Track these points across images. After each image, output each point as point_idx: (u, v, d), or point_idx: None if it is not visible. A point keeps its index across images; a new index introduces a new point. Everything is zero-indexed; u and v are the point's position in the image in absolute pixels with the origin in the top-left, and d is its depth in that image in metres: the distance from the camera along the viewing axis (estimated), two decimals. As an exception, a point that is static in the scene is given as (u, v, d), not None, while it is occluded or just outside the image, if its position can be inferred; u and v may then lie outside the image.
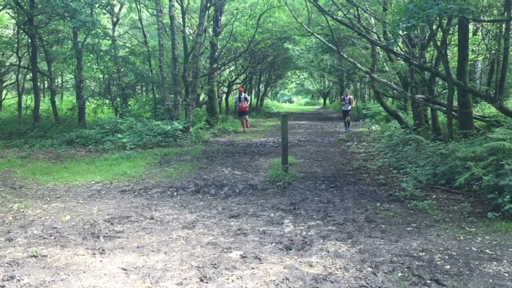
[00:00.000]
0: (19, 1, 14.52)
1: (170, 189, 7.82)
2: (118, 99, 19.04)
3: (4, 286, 3.79)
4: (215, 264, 4.26)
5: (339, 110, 38.23)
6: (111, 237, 5.19)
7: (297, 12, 19.02)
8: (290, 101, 75.80)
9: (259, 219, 5.92)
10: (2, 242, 5.01)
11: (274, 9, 19.97)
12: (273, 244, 4.85)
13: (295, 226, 5.55)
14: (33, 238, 5.17)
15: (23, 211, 6.37)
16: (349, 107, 18.72)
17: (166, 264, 4.28)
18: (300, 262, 4.33)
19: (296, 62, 30.17)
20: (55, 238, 5.16)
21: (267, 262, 4.33)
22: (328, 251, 4.62)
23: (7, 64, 23.57)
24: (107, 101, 19.23)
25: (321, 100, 57.98)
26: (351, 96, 19.32)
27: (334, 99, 55.38)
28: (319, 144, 14.19)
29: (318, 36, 13.30)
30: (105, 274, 4.04)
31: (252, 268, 4.16)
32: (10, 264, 4.28)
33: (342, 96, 20.14)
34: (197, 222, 5.77)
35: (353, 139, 15.05)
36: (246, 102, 19.46)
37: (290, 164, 9.69)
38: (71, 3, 12.18)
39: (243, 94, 19.30)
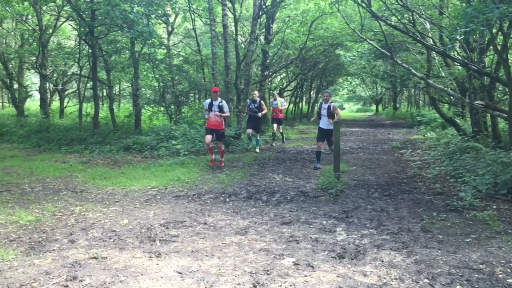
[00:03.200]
0: (81, 14, 15.24)
1: (223, 195, 7.93)
2: (172, 107, 19.54)
3: (68, 286, 3.98)
4: (268, 270, 4.29)
5: (392, 117, 37.50)
6: (166, 241, 5.33)
7: (349, 18, 18.84)
8: (341, 108, 74.97)
9: (311, 226, 5.90)
10: (65, 243, 5.26)
11: (326, 15, 19.88)
12: (325, 252, 4.83)
13: (348, 235, 5.49)
14: (94, 240, 5.40)
15: (84, 214, 6.66)
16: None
17: (219, 269, 4.36)
18: (353, 271, 4.28)
19: (348, 68, 29.85)
20: (114, 241, 5.37)
21: (320, 270, 4.31)
22: (382, 261, 4.54)
23: (69, 73, 24.80)
24: (162, 109, 19.77)
25: (373, 107, 56.97)
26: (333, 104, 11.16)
27: (387, 105, 54.29)
28: (371, 152, 13.95)
29: (371, 42, 13.12)
30: (161, 277, 4.16)
31: (305, 276, 4.16)
32: (72, 265, 4.50)
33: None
34: (249, 228, 5.83)
35: (407, 147, 14.69)
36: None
37: (342, 171, 9.59)
38: (129, 15, 12.66)
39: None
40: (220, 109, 10.65)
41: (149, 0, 12.79)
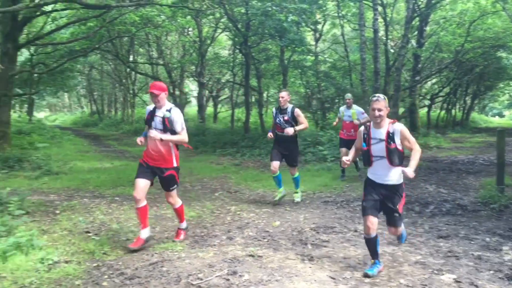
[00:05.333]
0: (237, 25, 16.22)
1: (372, 204, 7.77)
2: (319, 112, 19.73)
3: (229, 279, 4.26)
4: (426, 285, 4.10)
5: None
6: (317, 245, 5.41)
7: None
8: (501, 115, 68.08)
9: (472, 242, 5.48)
10: (224, 240, 5.65)
11: (487, 15, 18.32)
12: (491, 272, 4.45)
13: (516, 255, 4.98)
14: (249, 239, 5.70)
15: (239, 214, 7.07)
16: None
17: (373, 279, 4.28)
18: (525, 296, 3.88)
19: (511, 72, 27.09)
20: (268, 241, 5.60)
21: (485, 290, 3.99)
22: (561, 288, 4.04)
23: (222, 81, 26.55)
24: (308, 114, 20.08)
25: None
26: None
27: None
28: (541, 165, 12.45)
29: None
30: (315, 280, 4.23)
31: (468, 295, 3.88)
32: (232, 260, 4.80)
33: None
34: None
35: None
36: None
37: (507, 185, 8.72)
38: (284, 24, 13.14)
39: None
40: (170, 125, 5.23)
41: (302, 8, 13.12)
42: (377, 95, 4.42)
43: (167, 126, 5.18)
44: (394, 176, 4.40)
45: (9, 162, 10.86)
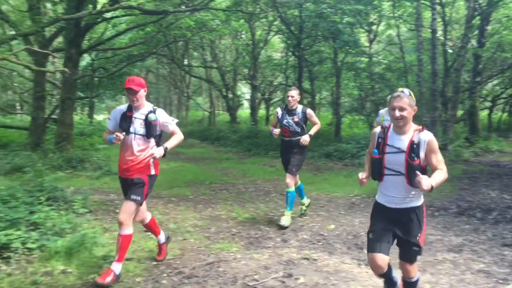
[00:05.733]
0: (290, 27, 16.22)
1: (430, 209, 7.53)
2: (372, 115, 19.35)
3: (284, 282, 4.27)
4: (491, 295, 3.93)
5: None
6: (374, 250, 5.30)
7: None
8: None
9: (539, 252, 5.21)
10: (279, 242, 5.66)
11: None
12: (561, 284, 4.21)
13: None
14: (304, 242, 5.68)
15: (293, 216, 7.06)
16: None
17: (433, 286, 4.16)
18: None
19: None
20: (322, 244, 5.56)
21: (556, 303, 3.77)
22: None
23: (275, 83, 26.62)
24: (362, 117, 19.75)
25: None
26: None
27: None
28: None
29: None
30: (372, 286, 4.16)
31: (537, 307, 3.69)
32: (287, 263, 4.80)
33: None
34: (464, 246, 5.42)
35: None
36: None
37: None
38: (339, 25, 13.02)
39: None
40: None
41: (357, 10, 12.94)
42: (400, 89, 3.32)
43: (152, 131, 4.32)
44: (412, 198, 3.35)
45: (72, 162, 11.36)
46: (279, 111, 6.81)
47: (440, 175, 3.18)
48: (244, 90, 36.29)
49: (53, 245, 4.81)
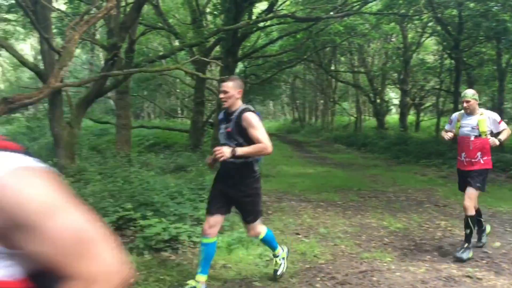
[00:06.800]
0: (448, 28, 15.24)
1: None
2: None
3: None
4: None
5: None
6: (550, 275, 4.71)
7: None
8: None
9: None
10: (436, 256, 5.34)
11: None
12: None
13: None
14: (464, 258, 5.27)
15: (450, 230, 6.61)
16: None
17: None
18: None
19: None
20: (487, 262, 5.10)
21: None
22: None
23: (426, 88, 25.25)
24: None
25: None
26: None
27: None
28: None
29: None
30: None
31: None
32: (447, 279, 4.51)
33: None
34: None
35: None
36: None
37: None
38: (508, 24, 11.84)
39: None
40: None
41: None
42: None
43: None
44: None
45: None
46: (221, 114, 4.20)
47: None
48: (392, 95, 35.08)
49: (215, 240, 5.19)
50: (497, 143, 5.15)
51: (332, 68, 28.78)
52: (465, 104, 5.34)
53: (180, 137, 17.07)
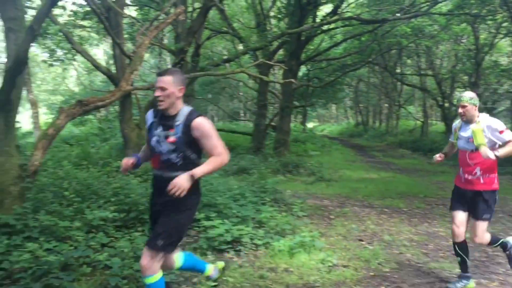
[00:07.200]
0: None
1: None
2: None
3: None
4: None
5: None
6: None
7: None
8: None
9: None
10: (510, 270, 5.03)
11: None
12: None
13: None
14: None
15: None
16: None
17: None
18: None
19: None
20: None
21: None
22: None
23: (499, 91, 23.95)
24: None
25: None
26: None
27: None
28: None
29: None
30: None
31: None
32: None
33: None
34: None
35: None
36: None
37: None
38: None
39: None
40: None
41: None
42: None
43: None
44: None
45: (289, 167, 12.11)
46: (149, 115, 3.43)
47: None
48: (461, 98, 33.56)
49: (276, 244, 5.19)
50: (491, 156, 4.01)
51: (398, 70, 28.00)
52: (460, 110, 4.25)
53: (243, 140, 17.28)
